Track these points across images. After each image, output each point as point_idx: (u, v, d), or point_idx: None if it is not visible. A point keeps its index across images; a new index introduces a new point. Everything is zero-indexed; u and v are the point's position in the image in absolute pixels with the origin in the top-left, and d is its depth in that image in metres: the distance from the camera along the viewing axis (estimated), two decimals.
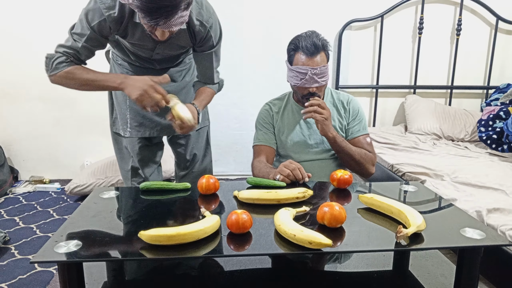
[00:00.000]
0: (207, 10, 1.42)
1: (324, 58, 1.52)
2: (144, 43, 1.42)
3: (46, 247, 0.88)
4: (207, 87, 1.59)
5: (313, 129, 1.65)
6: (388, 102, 3.26)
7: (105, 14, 1.30)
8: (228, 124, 3.18)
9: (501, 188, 1.82)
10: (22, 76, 2.95)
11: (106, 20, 1.31)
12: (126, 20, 1.33)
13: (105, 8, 1.29)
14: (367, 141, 1.64)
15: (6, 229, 2.29)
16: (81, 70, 1.36)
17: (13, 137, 3.09)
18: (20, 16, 2.86)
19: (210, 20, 1.42)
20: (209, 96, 1.59)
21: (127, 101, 1.62)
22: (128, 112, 1.63)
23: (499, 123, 2.62)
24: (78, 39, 1.35)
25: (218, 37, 1.50)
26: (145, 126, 1.65)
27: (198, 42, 1.47)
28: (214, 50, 1.51)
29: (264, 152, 1.64)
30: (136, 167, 1.70)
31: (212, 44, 1.48)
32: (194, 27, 1.40)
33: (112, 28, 1.34)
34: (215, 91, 1.63)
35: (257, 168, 1.55)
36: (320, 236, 0.86)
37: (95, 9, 1.30)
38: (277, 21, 3.00)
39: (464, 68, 3.19)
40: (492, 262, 1.50)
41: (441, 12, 3.08)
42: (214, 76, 1.58)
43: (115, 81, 1.36)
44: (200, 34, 1.43)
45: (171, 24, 1.17)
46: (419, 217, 0.95)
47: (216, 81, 1.61)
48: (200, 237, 0.90)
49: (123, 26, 1.35)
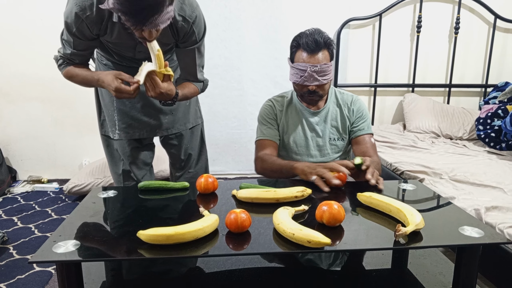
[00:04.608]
0: (189, 5, 1.37)
1: (326, 56, 1.49)
2: (124, 41, 1.39)
3: (44, 247, 0.87)
4: (190, 82, 1.55)
5: (316, 131, 1.64)
6: (387, 100, 3.26)
7: (82, 16, 1.27)
8: (227, 123, 3.18)
9: (499, 186, 1.82)
10: (21, 76, 2.95)
11: (84, 22, 1.28)
12: (106, 20, 1.30)
13: (81, 11, 1.26)
14: (371, 141, 1.61)
15: (5, 229, 2.28)
16: (75, 69, 1.43)
17: (12, 137, 3.08)
18: (19, 16, 2.85)
19: (193, 15, 1.38)
20: (191, 89, 1.53)
21: (114, 103, 1.59)
22: (116, 114, 1.60)
23: (497, 121, 2.62)
24: (67, 45, 1.39)
25: (202, 33, 1.45)
26: (134, 128, 1.62)
27: (181, 38, 1.42)
28: (197, 46, 1.46)
29: (269, 146, 1.60)
30: (128, 170, 1.66)
31: (195, 40, 1.44)
32: (176, 23, 1.35)
33: (92, 29, 1.31)
34: (198, 89, 1.57)
35: (268, 161, 1.50)
36: (318, 235, 0.86)
37: (71, 13, 1.27)
38: (276, 20, 3.00)
39: (462, 67, 3.20)
40: (491, 260, 1.50)
41: (439, 10, 3.08)
42: (197, 72, 1.54)
43: (94, 78, 1.39)
44: (183, 30, 1.39)
45: (157, 22, 1.14)
46: (418, 216, 0.95)
47: (199, 77, 1.56)
48: (199, 236, 0.90)
49: (103, 26, 1.32)
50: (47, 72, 2.93)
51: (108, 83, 1.31)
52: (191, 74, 1.54)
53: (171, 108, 1.64)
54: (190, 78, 1.55)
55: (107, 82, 1.31)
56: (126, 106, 1.59)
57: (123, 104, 1.59)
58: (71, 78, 1.45)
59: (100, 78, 1.35)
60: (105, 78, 1.33)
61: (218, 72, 3.03)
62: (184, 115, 1.71)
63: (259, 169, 1.57)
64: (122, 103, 1.59)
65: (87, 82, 1.42)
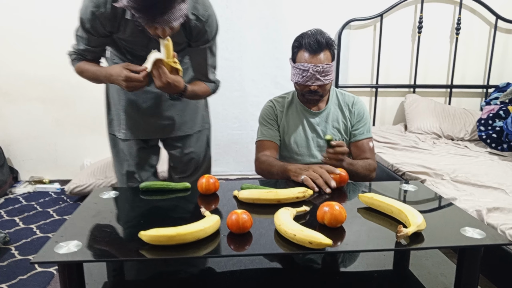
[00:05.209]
0: (203, 4, 1.38)
1: (328, 57, 1.50)
2: (136, 39, 1.40)
3: (46, 247, 0.88)
4: (202, 82, 1.56)
5: (317, 131, 1.64)
6: (388, 101, 3.26)
7: (96, 12, 1.29)
8: (228, 124, 3.18)
9: (501, 187, 1.82)
10: (22, 76, 2.96)
11: (98, 18, 1.31)
12: (119, 17, 1.32)
13: (95, 7, 1.29)
14: (369, 145, 1.62)
15: (6, 229, 2.29)
16: (86, 65, 1.46)
17: (13, 137, 3.09)
18: (19, 16, 2.86)
19: (206, 14, 1.39)
20: (202, 88, 1.54)
21: (121, 102, 1.60)
22: (122, 114, 1.61)
23: (498, 122, 2.62)
24: (81, 41, 1.41)
25: (215, 32, 1.47)
26: (140, 128, 1.62)
27: (194, 37, 1.43)
28: (209, 45, 1.47)
29: (269, 147, 1.61)
30: (132, 171, 1.66)
31: (207, 39, 1.45)
32: (189, 22, 1.36)
33: (105, 25, 1.33)
34: (209, 89, 1.58)
35: (265, 162, 1.51)
36: (320, 236, 0.86)
37: (86, 9, 1.30)
38: (277, 20, 3.01)
39: (463, 67, 3.19)
40: (493, 261, 1.50)
41: (440, 11, 3.08)
42: (208, 72, 1.55)
43: (102, 73, 1.41)
44: (196, 29, 1.40)
45: (169, 19, 1.15)
46: (419, 217, 0.95)
47: (211, 78, 1.57)
48: (200, 237, 0.90)
49: (117, 23, 1.34)
50: (48, 72, 2.94)
51: (117, 73, 1.32)
52: (203, 74, 1.55)
53: (178, 109, 1.65)
54: (202, 78, 1.56)
55: (116, 74, 1.33)
56: (133, 106, 1.60)
57: (130, 104, 1.60)
58: (82, 73, 1.47)
59: (108, 71, 1.37)
60: (113, 71, 1.35)
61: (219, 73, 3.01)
62: (191, 118, 1.71)
63: (258, 170, 1.58)
64: (129, 103, 1.60)
65: (96, 78, 1.44)
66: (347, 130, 1.65)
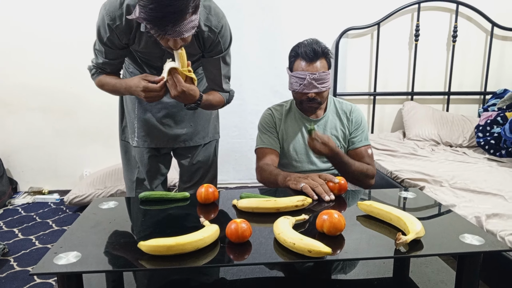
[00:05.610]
0: (215, 15, 1.39)
1: (324, 65, 1.53)
2: (151, 51, 1.42)
3: (45, 258, 0.87)
4: (216, 91, 1.56)
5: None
6: (386, 108, 3.28)
7: (112, 26, 1.32)
8: (227, 132, 3.18)
9: (500, 194, 1.82)
10: (22, 87, 2.97)
11: (114, 31, 1.33)
12: (134, 30, 1.35)
13: (111, 21, 1.31)
14: (368, 152, 1.64)
15: (5, 240, 2.28)
16: (106, 78, 1.47)
17: (12, 148, 3.09)
18: (20, 26, 2.88)
19: (219, 25, 1.40)
20: (217, 97, 1.54)
21: (135, 110, 1.62)
22: (136, 122, 1.63)
23: (496, 128, 2.63)
24: (99, 55, 1.43)
25: (228, 42, 1.48)
26: (152, 137, 1.63)
27: (207, 48, 1.45)
28: (222, 55, 1.48)
29: (269, 155, 1.62)
30: (142, 178, 1.68)
31: (221, 49, 1.46)
32: (202, 33, 1.38)
33: (121, 38, 1.36)
34: (223, 99, 1.58)
35: (266, 171, 1.51)
36: (319, 244, 0.86)
37: (103, 23, 1.33)
38: (275, 30, 3.03)
39: (461, 74, 3.21)
40: (492, 268, 1.50)
41: (437, 19, 3.11)
42: (222, 82, 1.55)
43: (121, 86, 1.42)
44: (209, 40, 1.41)
45: (181, 31, 1.16)
46: (418, 224, 0.95)
47: (225, 88, 1.57)
48: (200, 247, 0.90)
49: (132, 36, 1.37)
50: (48, 82, 2.95)
51: (135, 85, 1.34)
52: (217, 84, 1.55)
53: (191, 120, 1.66)
54: (216, 88, 1.56)
55: (134, 85, 1.34)
56: (147, 115, 1.61)
57: (144, 112, 1.61)
58: (103, 87, 1.49)
59: (127, 83, 1.39)
60: (131, 82, 1.36)
61: None
62: (203, 128, 1.72)
63: (259, 179, 1.58)
64: (144, 111, 1.61)
65: (117, 90, 1.46)
66: (345, 138, 1.66)
